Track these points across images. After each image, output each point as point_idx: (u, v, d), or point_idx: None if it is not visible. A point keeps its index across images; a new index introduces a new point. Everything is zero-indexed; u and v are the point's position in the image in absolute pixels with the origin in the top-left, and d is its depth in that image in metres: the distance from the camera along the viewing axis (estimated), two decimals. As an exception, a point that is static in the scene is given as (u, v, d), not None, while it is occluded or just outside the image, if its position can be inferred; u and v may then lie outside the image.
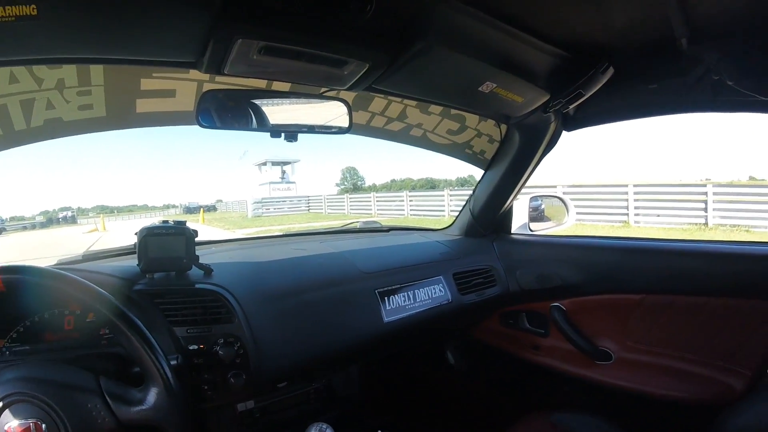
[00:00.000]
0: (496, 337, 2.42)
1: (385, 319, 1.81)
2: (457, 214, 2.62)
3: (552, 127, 1.96)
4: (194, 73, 1.89)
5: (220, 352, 1.45)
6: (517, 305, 2.34)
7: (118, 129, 2.17)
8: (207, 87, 1.99)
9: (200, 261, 1.58)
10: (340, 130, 1.69)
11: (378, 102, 2.37)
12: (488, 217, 2.42)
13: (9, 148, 1.97)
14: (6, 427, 0.99)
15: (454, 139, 2.69)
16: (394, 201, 23.09)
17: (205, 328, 1.48)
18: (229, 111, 1.55)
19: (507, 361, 2.37)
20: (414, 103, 2.42)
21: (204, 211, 37.85)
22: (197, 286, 1.54)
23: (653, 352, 1.89)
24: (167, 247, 1.53)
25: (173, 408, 1.10)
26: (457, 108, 2.07)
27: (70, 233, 28.98)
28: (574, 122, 2.00)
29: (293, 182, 41.40)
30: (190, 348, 1.42)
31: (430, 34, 1.23)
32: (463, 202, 2.56)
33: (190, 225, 1.56)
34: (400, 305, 1.87)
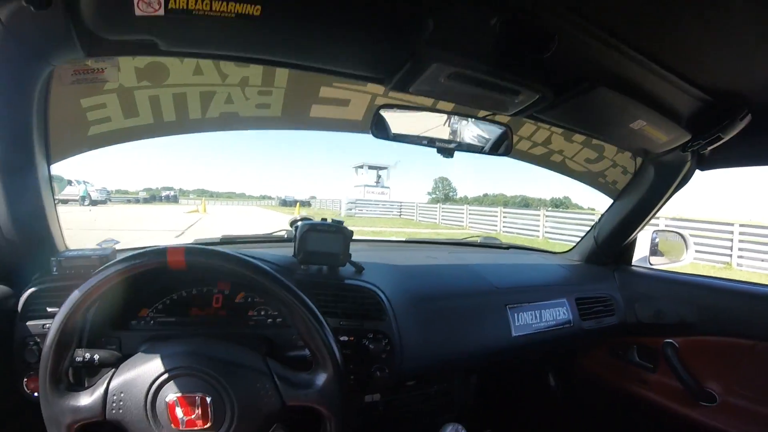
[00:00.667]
0: (602, 366, 2.37)
1: (513, 334, 1.83)
2: (550, 235, 2.58)
3: (687, 165, 1.93)
4: (371, 86, 1.96)
5: (370, 346, 1.51)
6: (629, 337, 2.29)
7: (289, 129, 2.26)
8: (380, 101, 2.06)
9: None
10: (500, 153, 1.70)
11: (527, 127, 2.39)
12: (612, 246, 2.37)
13: (178, 134, 2.08)
14: (170, 399, 1.02)
15: (590, 168, 2.67)
16: (486, 215, 22.75)
17: (357, 322, 1.53)
18: (401, 125, 1.59)
19: (609, 392, 2.32)
20: (560, 130, 2.41)
21: (299, 206, 38.61)
22: (352, 282, 1.60)
23: (760, 399, 1.81)
24: (326, 242, 1.60)
25: (339, 393, 1.10)
26: (604, 140, 2.07)
27: (171, 211, 30.31)
28: (708, 163, 1.95)
29: (387, 187, 41.72)
30: (341, 339, 1.46)
31: (598, 75, 1.28)
32: (557, 224, 2.53)
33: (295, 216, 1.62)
34: (527, 322, 1.88)
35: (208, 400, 1.03)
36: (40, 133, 1.35)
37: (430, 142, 1.63)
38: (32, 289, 1.40)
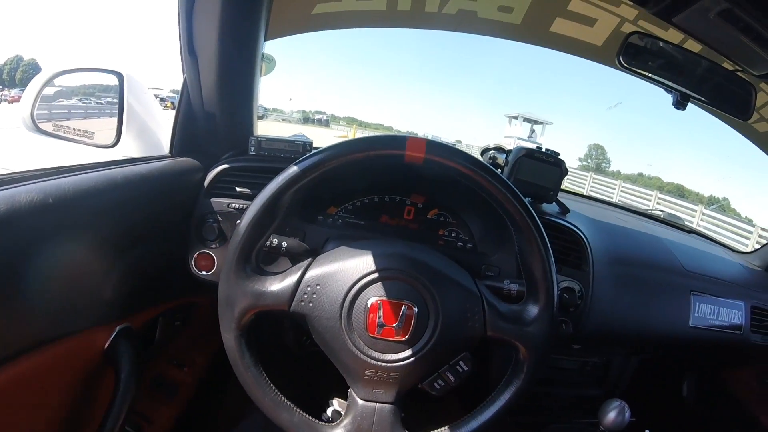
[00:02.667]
0: (745, 389, 2.19)
1: (691, 324, 1.71)
2: (704, 230, 2.37)
3: None
4: (624, 8, 1.86)
5: (564, 295, 1.42)
6: None
7: (522, 41, 2.22)
8: (626, 28, 1.95)
9: None
10: (737, 113, 1.57)
11: (760, 96, 2.15)
12: None
13: (409, 27, 2.06)
14: (371, 302, 0.96)
15: (809, 163, 2.41)
16: (638, 196, 21.48)
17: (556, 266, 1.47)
18: (650, 58, 1.49)
19: (745, 419, 2.15)
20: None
21: (446, 147, 38.55)
22: (559, 221, 1.53)
23: None
24: (540, 173, 1.52)
25: (545, 333, 1.02)
26: None
27: (322, 133, 31.36)
28: None
29: (540, 144, 40.33)
30: None
31: None
32: (712, 226, 2.32)
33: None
34: (705, 315, 1.75)
35: (415, 310, 0.96)
36: (266, 2, 1.34)
37: (675, 82, 1.50)
38: (224, 166, 1.40)
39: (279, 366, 1.10)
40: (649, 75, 1.51)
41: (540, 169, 1.52)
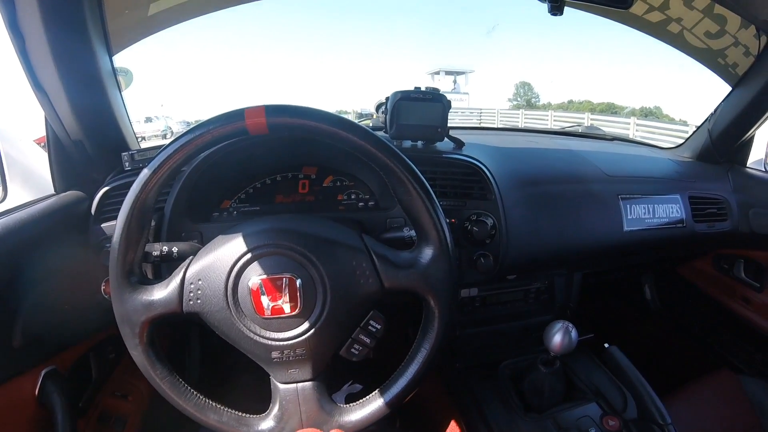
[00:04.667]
0: (702, 278, 2.23)
1: (626, 228, 1.71)
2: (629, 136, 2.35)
3: None
4: None
5: (474, 228, 1.45)
6: (738, 249, 2.13)
7: None
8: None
9: None
10: (618, 4, 1.47)
11: None
12: (728, 142, 2.12)
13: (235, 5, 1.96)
14: (252, 283, 0.94)
15: (709, 44, 2.33)
16: (572, 122, 22.02)
17: (459, 202, 1.45)
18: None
19: (708, 308, 2.20)
20: (680, -7, 2.09)
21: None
22: (453, 156, 1.53)
23: None
24: (421, 114, 1.49)
25: (446, 273, 0.99)
26: (729, 7, 1.83)
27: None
28: None
29: (466, 93, 40.88)
30: None
31: None
32: (648, 134, 2.30)
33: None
34: (640, 216, 1.76)
35: (298, 282, 0.94)
36: (96, 20, 1.29)
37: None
38: (105, 189, 1.41)
39: (207, 367, 1.14)
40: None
41: (421, 108, 1.48)
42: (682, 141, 2.37)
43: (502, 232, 1.47)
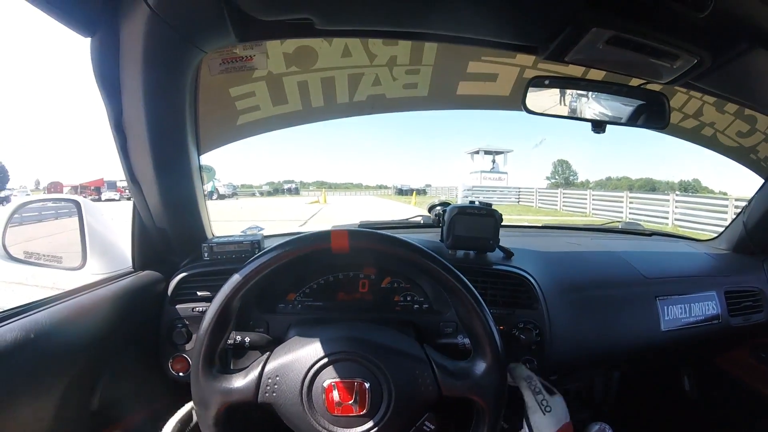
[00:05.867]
0: (742, 369, 2.17)
1: (663, 329, 1.74)
2: (680, 223, 2.40)
3: None
4: (520, 58, 1.93)
5: (521, 336, 1.48)
6: None
7: (435, 109, 2.30)
8: (528, 74, 2.02)
9: None
10: (654, 125, 1.61)
11: (678, 98, 2.27)
12: (763, 233, 2.14)
13: (326, 119, 2.16)
14: (327, 384, 1.02)
15: (741, 142, 2.49)
16: (611, 201, 21.71)
17: (508, 310, 1.51)
18: (552, 98, 1.53)
19: (747, 398, 2.13)
20: (712, 100, 2.28)
21: (416, 194, 38.66)
22: (503, 268, 1.57)
23: None
24: (475, 226, 1.57)
25: (498, 384, 1.07)
26: (759, 110, 1.88)
27: (294, 202, 31.78)
28: None
29: (504, 172, 41.03)
30: None
31: (756, 35, 1.16)
32: (687, 210, 2.35)
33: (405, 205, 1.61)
34: (677, 316, 1.78)
35: (366, 386, 1.03)
36: (191, 123, 1.40)
37: (583, 115, 1.55)
38: (183, 274, 1.48)
39: None
40: (558, 114, 1.55)
41: (475, 222, 1.58)
42: (725, 214, 2.42)
43: (546, 339, 1.51)
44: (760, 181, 2.11)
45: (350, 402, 1.01)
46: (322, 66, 1.90)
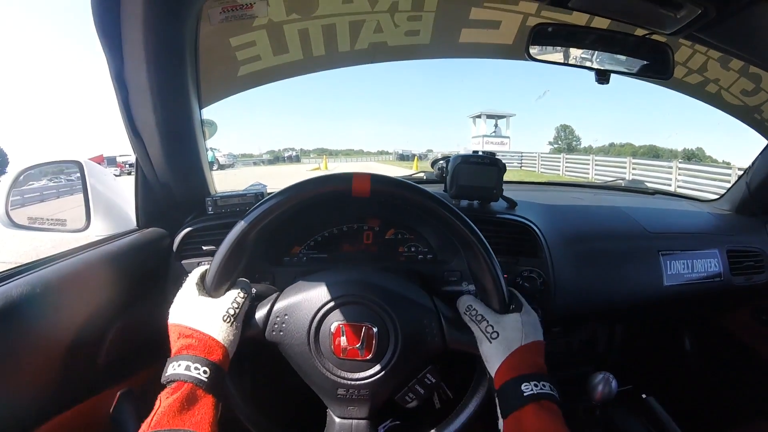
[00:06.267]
0: (742, 330, 2.21)
1: (665, 283, 1.76)
2: (683, 191, 2.41)
3: None
4: (523, 5, 1.91)
5: (525, 284, 1.50)
6: None
7: (437, 57, 2.28)
8: (531, 21, 2.00)
9: None
10: (658, 76, 1.58)
11: (683, 51, 2.25)
12: (765, 195, 2.15)
13: (327, 69, 2.14)
14: (334, 326, 1.03)
15: (745, 101, 2.46)
16: (613, 166, 21.60)
17: (511, 259, 1.53)
18: (561, 43, 1.53)
19: (748, 359, 2.17)
20: (716, 55, 2.26)
21: (417, 159, 38.52)
22: (507, 216, 1.58)
23: None
24: (479, 176, 1.58)
25: None
26: (764, 68, 1.87)
27: (295, 169, 31.75)
28: None
29: (507, 137, 40.70)
30: None
31: None
32: (691, 178, 2.33)
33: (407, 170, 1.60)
34: (679, 272, 1.80)
35: (374, 330, 1.03)
36: (192, 75, 1.39)
37: (586, 63, 1.54)
38: (188, 229, 1.48)
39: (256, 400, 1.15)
40: (562, 62, 1.53)
41: (479, 171, 1.59)
42: (728, 184, 2.41)
43: (550, 288, 1.53)
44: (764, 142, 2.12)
45: (357, 346, 1.02)
46: (323, 13, 1.88)
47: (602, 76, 1.53)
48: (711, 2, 1.17)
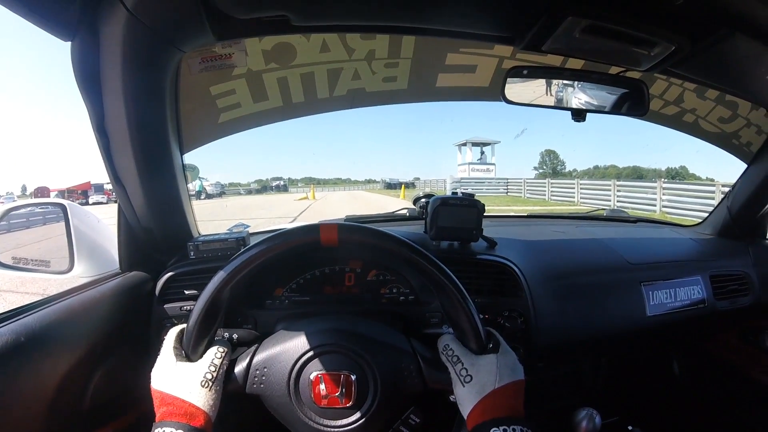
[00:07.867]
0: (730, 352, 2.21)
1: (648, 314, 1.76)
2: (668, 210, 2.42)
3: None
4: (498, 49, 1.93)
5: (505, 324, 1.50)
6: (764, 321, 2.10)
7: (415, 102, 2.30)
8: (507, 64, 2.03)
9: None
10: (635, 113, 1.60)
11: (658, 85, 2.28)
12: (747, 217, 2.18)
13: (307, 115, 2.15)
14: (313, 376, 1.04)
15: (723, 128, 2.51)
16: (598, 189, 21.79)
17: (492, 299, 1.52)
18: (532, 88, 1.53)
19: (738, 381, 2.16)
20: (692, 86, 2.29)
21: (404, 188, 38.62)
22: (486, 257, 1.58)
23: None
24: (458, 217, 1.58)
25: None
26: (739, 95, 1.91)
27: (283, 199, 31.86)
28: None
29: (492, 164, 41.03)
30: None
31: (735, 21, 1.14)
32: (675, 196, 2.35)
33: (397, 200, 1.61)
34: (662, 301, 1.80)
35: (353, 378, 1.04)
36: (173, 123, 1.40)
37: (563, 104, 1.56)
38: (170, 273, 1.48)
39: None
40: (538, 104, 1.55)
41: (458, 212, 1.58)
42: (712, 200, 2.43)
43: (531, 326, 1.53)
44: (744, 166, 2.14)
45: (337, 394, 1.03)
46: (301, 62, 1.90)
47: (578, 116, 1.54)
48: (685, 38, 1.19)
